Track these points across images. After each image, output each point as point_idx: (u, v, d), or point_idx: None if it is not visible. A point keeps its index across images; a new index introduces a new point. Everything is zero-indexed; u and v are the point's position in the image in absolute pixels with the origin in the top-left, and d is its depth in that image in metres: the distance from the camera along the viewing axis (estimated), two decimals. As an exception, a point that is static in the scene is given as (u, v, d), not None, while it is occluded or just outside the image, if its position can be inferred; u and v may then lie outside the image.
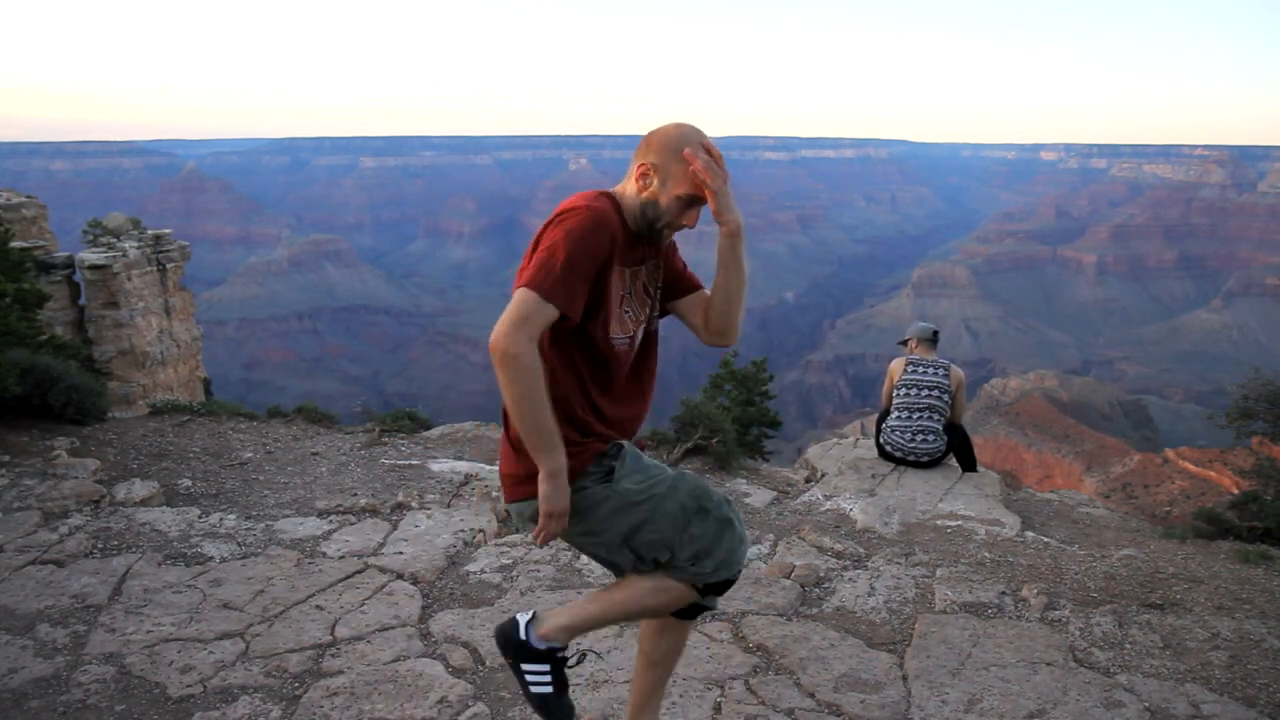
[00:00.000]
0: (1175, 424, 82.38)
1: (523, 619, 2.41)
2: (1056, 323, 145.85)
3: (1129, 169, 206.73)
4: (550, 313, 2.05)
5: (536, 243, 2.13)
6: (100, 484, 5.10)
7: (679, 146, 2.13)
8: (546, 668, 2.38)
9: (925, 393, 6.07)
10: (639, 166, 2.18)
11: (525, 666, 2.38)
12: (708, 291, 2.37)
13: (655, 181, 2.17)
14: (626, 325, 2.26)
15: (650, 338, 2.39)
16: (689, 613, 2.39)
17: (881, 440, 6.25)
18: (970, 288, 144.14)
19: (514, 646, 2.39)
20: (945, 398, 6.08)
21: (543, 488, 2.13)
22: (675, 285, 2.39)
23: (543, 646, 2.37)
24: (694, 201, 2.17)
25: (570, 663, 2.43)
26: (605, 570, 4.14)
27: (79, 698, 3.04)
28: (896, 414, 6.16)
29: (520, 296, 2.04)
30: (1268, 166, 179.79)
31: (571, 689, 3.08)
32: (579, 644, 3.12)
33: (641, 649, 2.53)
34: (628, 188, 2.21)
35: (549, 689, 2.38)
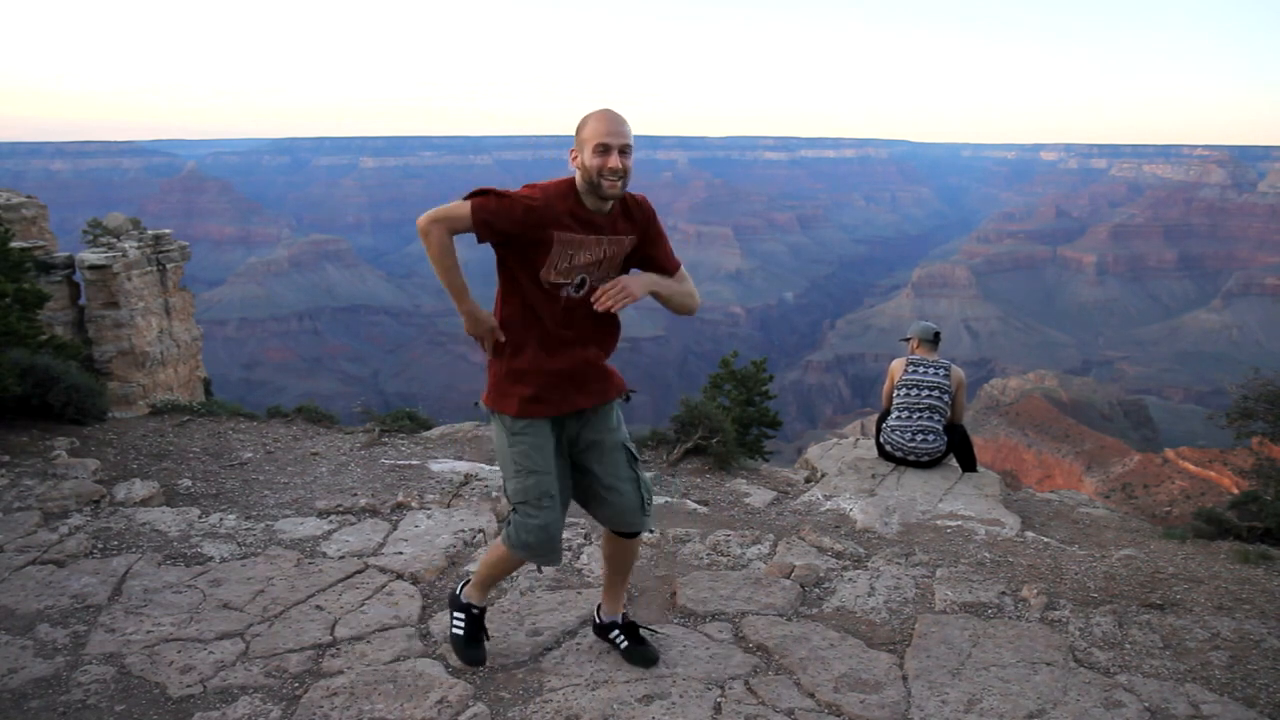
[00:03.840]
0: (1175, 424, 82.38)
1: (462, 581, 3.30)
2: (1056, 323, 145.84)
3: (1129, 169, 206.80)
4: (465, 219, 2.73)
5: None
6: (100, 484, 5.10)
7: (580, 127, 2.78)
8: (463, 617, 3.22)
9: (926, 393, 6.07)
10: (570, 157, 2.82)
11: (451, 613, 3.25)
12: (684, 277, 3.01)
13: (579, 156, 2.78)
14: (561, 276, 2.83)
15: (588, 294, 2.88)
16: (626, 534, 3.14)
17: (882, 440, 6.25)
18: (970, 288, 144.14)
19: (449, 597, 3.35)
20: (946, 398, 6.08)
21: (464, 321, 2.90)
22: (650, 267, 2.97)
23: (465, 601, 3.22)
24: (605, 149, 2.72)
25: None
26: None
27: (79, 698, 3.04)
28: (897, 414, 6.15)
29: (457, 202, 2.77)
30: (1268, 166, 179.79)
31: (571, 689, 3.10)
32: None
33: (602, 554, 3.32)
34: (576, 176, 2.84)
35: (461, 634, 3.20)
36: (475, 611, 3.21)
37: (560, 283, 2.84)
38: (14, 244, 9.93)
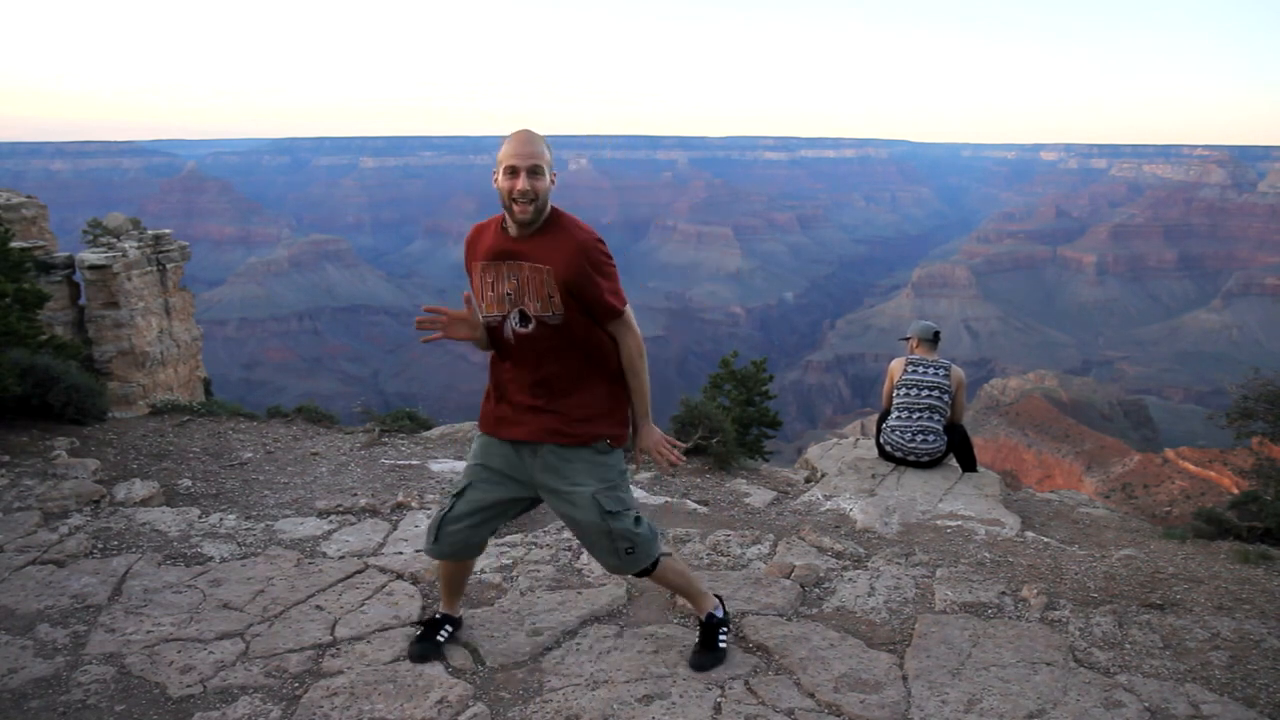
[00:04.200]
0: (1175, 424, 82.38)
1: None
2: (1056, 323, 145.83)
3: (1129, 169, 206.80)
4: None
5: None
6: (100, 484, 5.10)
7: (501, 152, 2.77)
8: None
9: (925, 393, 6.07)
10: (492, 180, 2.81)
11: None
12: (621, 331, 2.92)
13: (495, 177, 2.78)
14: (493, 307, 2.87)
15: (548, 331, 2.83)
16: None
17: (881, 440, 6.25)
18: (970, 288, 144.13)
19: None
20: (945, 398, 6.07)
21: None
22: (587, 309, 2.86)
23: None
24: (512, 171, 2.72)
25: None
26: (604, 571, 4.16)
27: (79, 698, 3.04)
28: (897, 414, 6.15)
29: None
30: (1268, 166, 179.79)
31: (571, 689, 3.10)
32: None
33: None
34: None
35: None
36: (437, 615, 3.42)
37: (494, 315, 2.87)
38: (14, 244, 9.93)
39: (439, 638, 3.32)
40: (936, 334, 6.40)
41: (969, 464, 6.15)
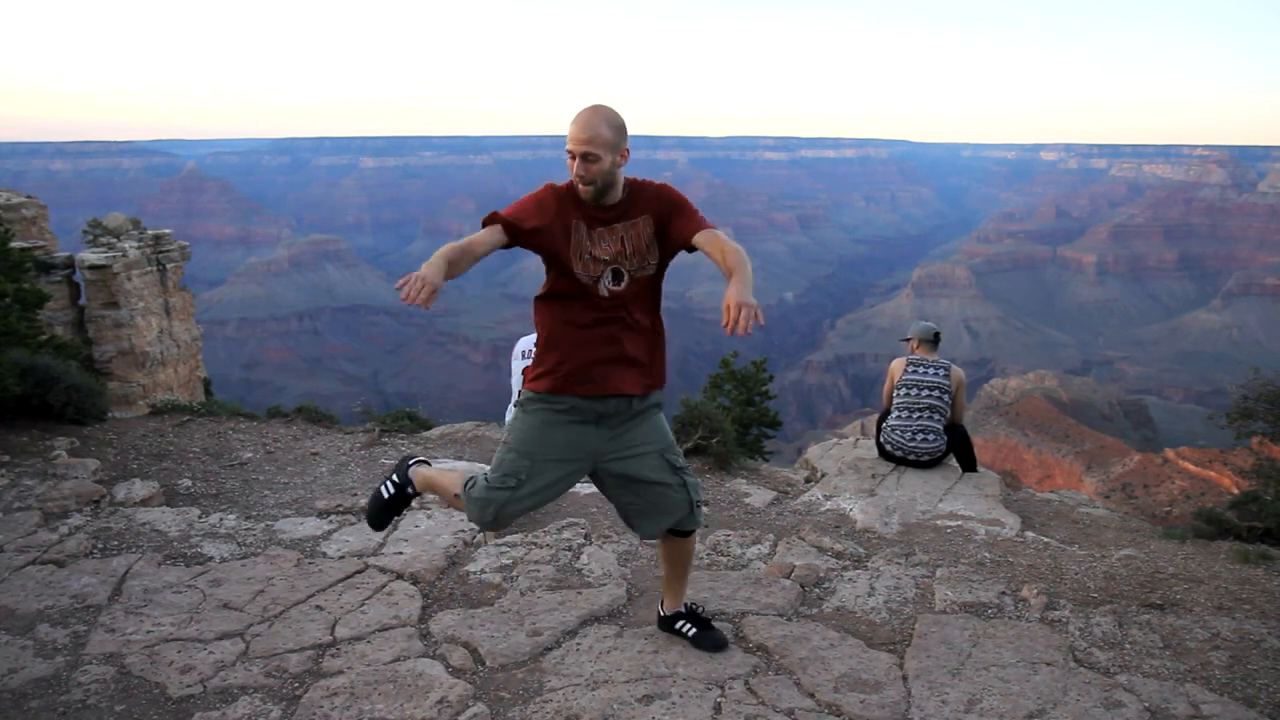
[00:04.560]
0: (1175, 424, 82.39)
1: (417, 460, 3.47)
2: (1056, 323, 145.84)
3: (1129, 169, 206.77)
4: (496, 233, 2.83)
5: None
6: (100, 484, 5.10)
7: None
8: (394, 488, 3.39)
9: (926, 393, 6.07)
10: None
11: (392, 476, 3.42)
12: (712, 235, 2.92)
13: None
14: (588, 267, 2.92)
15: (637, 286, 2.97)
16: (682, 532, 3.20)
17: (882, 440, 6.25)
18: (970, 288, 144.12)
19: (399, 463, 3.48)
20: (946, 398, 6.08)
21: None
22: (678, 237, 2.96)
23: (410, 477, 3.38)
24: (570, 155, 2.82)
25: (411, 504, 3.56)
26: (604, 570, 4.15)
27: (79, 698, 3.04)
28: (897, 413, 6.15)
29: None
30: (1268, 166, 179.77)
31: (571, 689, 3.10)
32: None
33: (659, 554, 3.41)
34: None
35: (385, 497, 3.40)
36: (409, 491, 3.37)
37: (586, 274, 2.92)
38: (14, 244, 9.93)
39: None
40: (937, 335, 6.41)
41: (969, 464, 6.15)
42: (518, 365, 6.67)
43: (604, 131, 2.79)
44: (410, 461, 3.45)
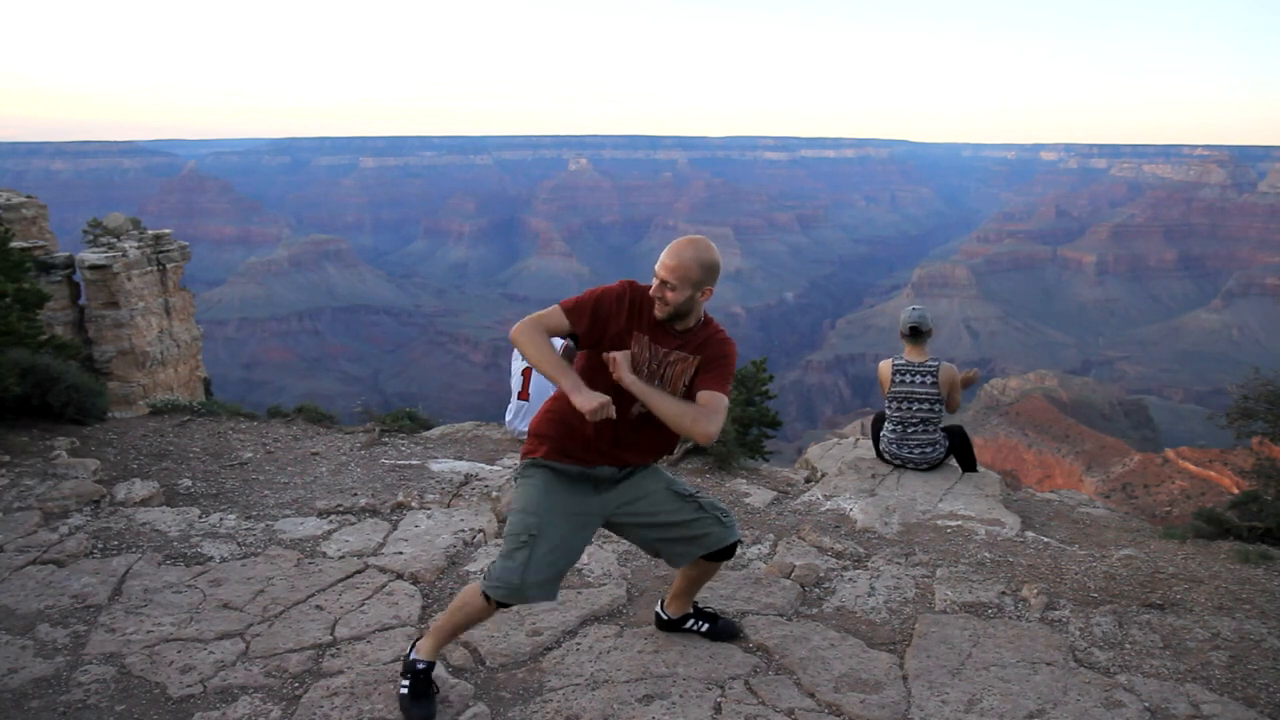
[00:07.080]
0: (1175, 424, 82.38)
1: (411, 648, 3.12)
2: (1056, 323, 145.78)
3: (1129, 169, 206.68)
4: (560, 319, 2.92)
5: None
6: (100, 484, 5.10)
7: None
8: (408, 682, 3.02)
9: (916, 406, 5.91)
10: None
11: (402, 676, 3.06)
12: (706, 394, 2.94)
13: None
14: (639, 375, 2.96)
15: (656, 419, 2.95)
16: (719, 556, 3.23)
17: (880, 448, 6.21)
18: (970, 288, 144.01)
19: (404, 662, 3.11)
20: (938, 406, 5.94)
21: (574, 398, 2.79)
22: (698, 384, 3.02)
23: (412, 658, 3.05)
24: (656, 276, 2.92)
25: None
26: (604, 570, 4.15)
27: (79, 698, 3.04)
28: (891, 426, 6.06)
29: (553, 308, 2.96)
30: (1268, 166, 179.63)
31: (571, 689, 3.10)
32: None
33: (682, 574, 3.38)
34: None
35: (406, 693, 3.01)
36: (421, 667, 3.04)
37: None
38: (14, 244, 9.93)
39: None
40: (914, 329, 5.98)
41: (969, 464, 6.13)
42: (518, 365, 6.68)
43: (693, 271, 2.88)
44: (406, 658, 3.12)
